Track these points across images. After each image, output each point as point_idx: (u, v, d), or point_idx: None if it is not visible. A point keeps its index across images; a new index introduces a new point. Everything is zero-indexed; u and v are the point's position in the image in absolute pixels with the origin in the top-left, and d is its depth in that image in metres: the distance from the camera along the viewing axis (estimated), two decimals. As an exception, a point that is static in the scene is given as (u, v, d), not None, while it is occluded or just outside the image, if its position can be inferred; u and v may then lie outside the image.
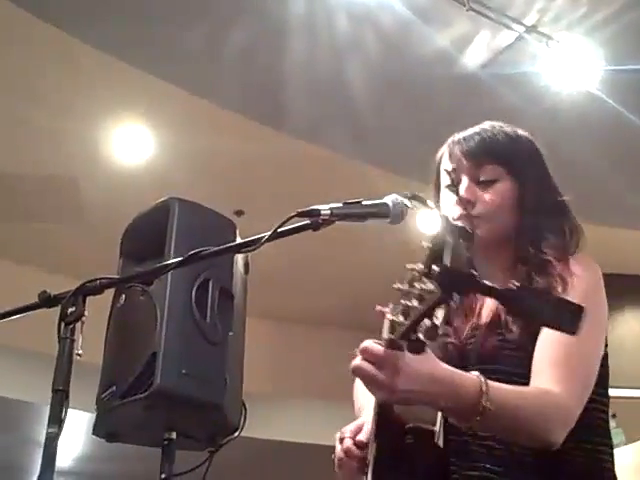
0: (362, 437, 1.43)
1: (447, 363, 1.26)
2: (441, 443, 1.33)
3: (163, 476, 1.86)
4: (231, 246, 1.69)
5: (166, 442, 1.88)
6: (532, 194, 1.57)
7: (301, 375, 7.48)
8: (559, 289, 1.44)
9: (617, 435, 4.42)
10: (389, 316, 1.14)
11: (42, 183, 5.90)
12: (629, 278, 7.03)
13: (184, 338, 1.83)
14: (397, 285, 1.11)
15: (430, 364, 1.22)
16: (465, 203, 1.56)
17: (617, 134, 5.31)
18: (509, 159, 1.58)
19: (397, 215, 1.53)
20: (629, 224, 6.52)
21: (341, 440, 1.45)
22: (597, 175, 5.56)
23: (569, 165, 5.46)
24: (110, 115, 5.48)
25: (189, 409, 1.84)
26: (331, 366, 1.73)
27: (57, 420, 1.39)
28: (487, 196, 1.56)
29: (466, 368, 1.33)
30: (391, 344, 1.16)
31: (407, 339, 1.09)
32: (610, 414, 1.53)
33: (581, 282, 1.46)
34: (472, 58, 4.93)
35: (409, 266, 1.09)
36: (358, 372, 1.23)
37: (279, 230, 1.46)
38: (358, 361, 1.23)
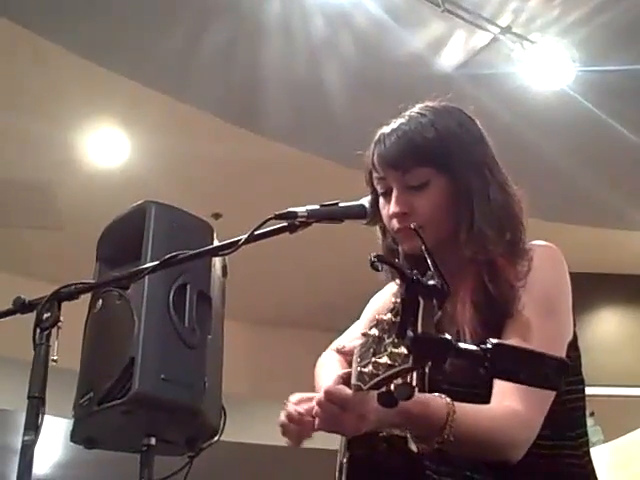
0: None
1: None
2: (414, 448, 1.34)
3: (142, 482, 1.84)
4: (208, 249, 1.69)
5: (145, 448, 1.87)
6: (467, 189, 1.47)
7: (280, 378, 7.45)
8: (511, 296, 1.40)
9: (595, 433, 4.44)
10: (356, 365, 1.12)
11: (17, 187, 5.84)
12: (605, 277, 7.10)
13: (162, 342, 1.82)
14: (365, 331, 1.08)
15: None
16: (400, 216, 1.48)
17: (590, 133, 5.36)
18: (436, 157, 1.47)
19: (373, 216, 1.54)
20: (605, 223, 6.57)
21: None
22: (571, 175, 5.61)
23: (543, 164, 5.52)
24: (86, 118, 5.44)
25: (168, 414, 1.82)
26: (310, 368, 1.72)
27: (33, 427, 1.37)
28: (421, 203, 1.47)
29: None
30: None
31: (377, 390, 1.02)
32: (588, 412, 1.53)
33: (537, 279, 1.43)
34: (447, 59, 4.95)
35: (378, 317, 1.05)
36: (322, 412, 1.23)
37: (256, 233, 1.47)
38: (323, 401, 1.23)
